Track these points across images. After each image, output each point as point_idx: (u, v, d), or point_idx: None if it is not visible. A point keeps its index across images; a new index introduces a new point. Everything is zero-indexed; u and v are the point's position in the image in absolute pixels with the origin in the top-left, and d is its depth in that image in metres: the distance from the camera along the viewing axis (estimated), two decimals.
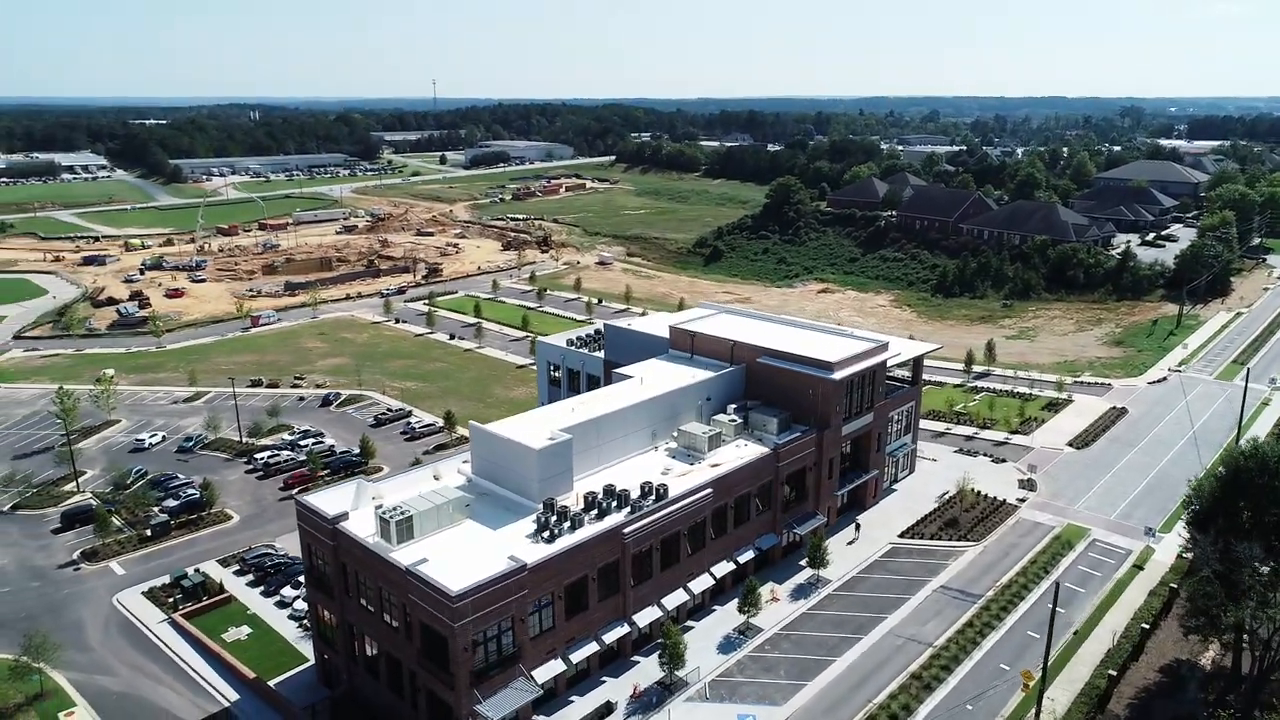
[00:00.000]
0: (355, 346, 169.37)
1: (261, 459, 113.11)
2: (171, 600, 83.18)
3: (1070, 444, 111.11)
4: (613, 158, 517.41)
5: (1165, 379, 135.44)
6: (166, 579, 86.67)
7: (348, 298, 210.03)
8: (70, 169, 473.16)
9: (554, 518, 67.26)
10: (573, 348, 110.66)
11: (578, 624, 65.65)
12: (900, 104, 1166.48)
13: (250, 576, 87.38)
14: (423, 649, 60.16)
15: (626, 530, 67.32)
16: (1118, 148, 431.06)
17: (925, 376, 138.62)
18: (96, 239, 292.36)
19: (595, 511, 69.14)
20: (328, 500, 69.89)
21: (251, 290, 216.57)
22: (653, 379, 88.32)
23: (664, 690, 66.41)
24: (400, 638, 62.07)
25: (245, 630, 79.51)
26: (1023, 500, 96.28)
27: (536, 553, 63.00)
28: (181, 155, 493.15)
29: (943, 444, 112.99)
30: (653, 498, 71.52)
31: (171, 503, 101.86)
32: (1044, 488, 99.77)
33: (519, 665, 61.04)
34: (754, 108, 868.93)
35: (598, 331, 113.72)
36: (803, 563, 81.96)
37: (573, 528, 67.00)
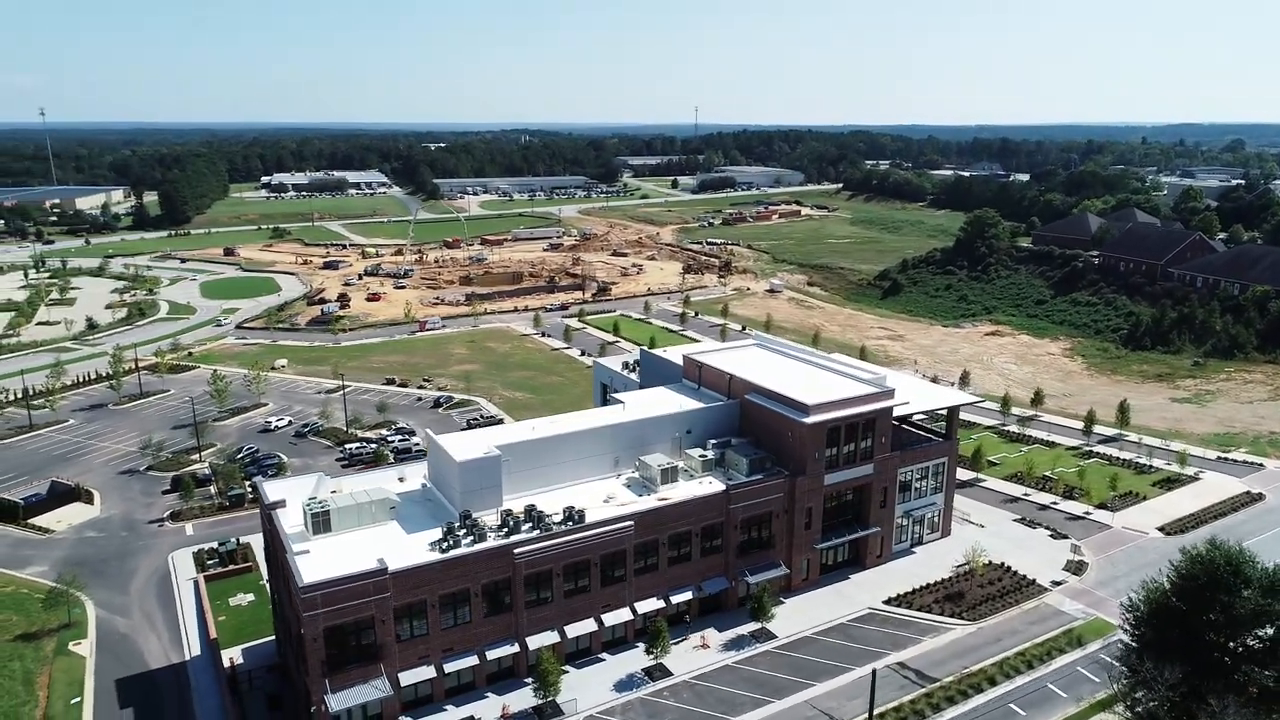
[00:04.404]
0: (493, 356, 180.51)
1: (349, 448, 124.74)
2: (209, 563, 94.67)
3: (1162, 528, 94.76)
4: (840, 185, 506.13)
5: None
6: (216, 544, 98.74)
7: (514, 310, 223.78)
8: (356, 185, 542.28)
9: (461, 529, 69.32)
10: (625, 370, 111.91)
11: (458, 635, 67.07)
12: (1211, 132, 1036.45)
13: None
14: (297, 634, 64.66)
15: (518, 550, 67.82)
16: None
17: (1035, 434, 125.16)
18: (344, 246, 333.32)
19: (505, 529, 70.31)
20: (286, 488, 76.90)
21: (436, 298, 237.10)
22: (638, 406, 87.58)
23: (536, 717, 65.98)
24: (293, 621, 66.99)
25: (250, 597, 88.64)
26: (1058, 583, 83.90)
27: (416, 559, 65.42)
28: (446, 175, 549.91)
29: (1009, 509, 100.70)
30: (570, 523, 71.34)
31: (260, 479, 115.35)
32: (1094, 573, 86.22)
33: (380, 665, 63.66)
34: (1032, 136, 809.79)
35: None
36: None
37: (475, 541, 68.63)
